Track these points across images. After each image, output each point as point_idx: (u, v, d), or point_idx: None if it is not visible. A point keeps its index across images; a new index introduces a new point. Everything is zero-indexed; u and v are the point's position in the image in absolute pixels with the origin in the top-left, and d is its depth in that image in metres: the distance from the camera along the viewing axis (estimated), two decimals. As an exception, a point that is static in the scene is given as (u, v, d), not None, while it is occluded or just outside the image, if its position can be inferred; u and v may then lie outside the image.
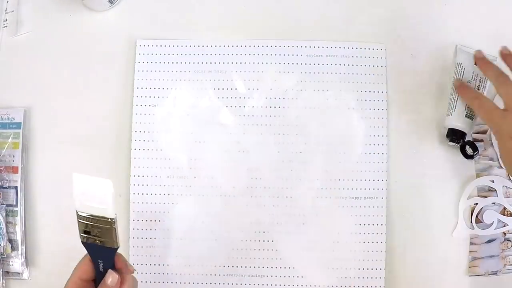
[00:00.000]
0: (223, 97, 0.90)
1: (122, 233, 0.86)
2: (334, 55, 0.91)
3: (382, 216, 0.87)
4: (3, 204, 0.87)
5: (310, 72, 0.90)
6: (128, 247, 0.87)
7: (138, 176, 0.88)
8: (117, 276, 0.63)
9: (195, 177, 0.88)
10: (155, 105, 0.90)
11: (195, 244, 0.87)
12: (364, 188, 0.88)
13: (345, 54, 0.91)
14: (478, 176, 0.88)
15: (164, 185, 0.88)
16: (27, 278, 0.87)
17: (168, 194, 0.88)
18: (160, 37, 0.92)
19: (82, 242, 0.63)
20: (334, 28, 0.93)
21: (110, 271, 0.63)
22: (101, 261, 0.64)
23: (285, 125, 0.89)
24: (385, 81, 0.90)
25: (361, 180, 0.88)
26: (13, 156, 0.89)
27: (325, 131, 0.89)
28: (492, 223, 0.87)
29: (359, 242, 0.87)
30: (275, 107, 0.89)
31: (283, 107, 0.89)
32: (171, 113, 0.90)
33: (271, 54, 0.91)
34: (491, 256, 0.87)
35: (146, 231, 0.87)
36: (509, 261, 0.87)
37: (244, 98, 0.90)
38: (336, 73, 0.90)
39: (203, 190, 0.88)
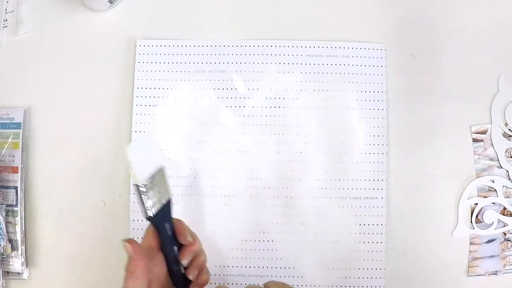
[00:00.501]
0: (223, 97, 0.90)
1: (122, 234, 0.87)
2: (334, 55, 0.91)
3: (382, 216, 0.87)
4: (3, 204, 0.87)
5: (310, 72, 0.90)
6: (129, 248, 0.87)
7: (138, 176, 0.88)
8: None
9: (195, 177, 0.88)
10: (155, 105, 0.89)
11: (195, 244, 0.87)
12: (364, 188, 0.88)
13: (345, 54, 0.91)
14: (478, 176, 0.88)
15: (164, 185, 0.88)
16: (27, 278, 0.87)
17: (168, 194, 0.88)
18: (160, 37, 0.92)
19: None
20: (334, 28, 0.93)
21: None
22: (167, 224, 0.68)
23: (285, 125, 0.89)
24: (385, 81, 0.90)
25: (361, 180, 0.88)
26: (13, 156, 0.89)
27: (325, 131, 0.89)
28: (492, 223, 0.87)
29: (359, 242, 0.87)
30: (275, 107, 0.89)
31: (283, 107, 0.89)
32: (171, 113, 0.90)
33: (271, 54, 0.91)
34: (491, 256, 0.87)
35: (146, 232, 0.87)
36: (509, 261, 0.87)
37: (244, 98, 0.90)
38: (336, 73, 0.90)
39: (203, 190, 0.88)
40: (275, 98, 0.90)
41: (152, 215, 0.65)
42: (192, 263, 0.70)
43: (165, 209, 0.67)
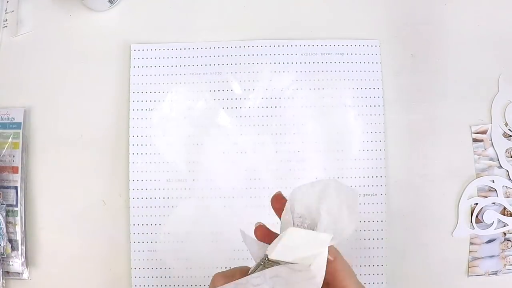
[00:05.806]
0: (219, 99, 0.90)
1: (123, 234, 0.87)
2: (328, 53, 0.90)
3: (382, 212, 0.87)
4: (3, 204, 0.87)
5: (305, 71, 0.90)
6: (130, 252, 0.87)
7: (137, 180, 0.88)
8: None
9: (194, 180, 0.88)
10: (151, 109, 0.90)
11: (196, 247, 0.88)
12: (363, 185, 0.88)
13: (339, 51, 0.90)
14: (478, 176, 0.88)
15: (164, 189, 0.88)
16: (27, 278, 0.88)
17: (168, 198, 0.88)
18: (159, 39, 0.92)
19: None
20: (329, 26, 0.92)
21: None
22: None
23: (282, 124, 0.89)
24: (381, 77, 0.90)
25: (359, 177, 0.88)
26: (13, 156, 0.89)
27: (322, 129, 0.89)
28: (492, 223, 0.86)
29: (360, 239, 0.87)
30: (271, 107, 0.89)
31: (280, 107, 0.89)
32: (167, 117, 0.90)
33: (266, 54, 0.90)
34: (491, 256, 0.86)
35: (147, 235, 0.87)
36: (509, 261, 0.86)
37: (240, 99, 0.89)
38: (331, 71, 0.90)
39: (202, 192, 0.88)
40: (271, 98, 0.89)
41: None
42: None
43: None
